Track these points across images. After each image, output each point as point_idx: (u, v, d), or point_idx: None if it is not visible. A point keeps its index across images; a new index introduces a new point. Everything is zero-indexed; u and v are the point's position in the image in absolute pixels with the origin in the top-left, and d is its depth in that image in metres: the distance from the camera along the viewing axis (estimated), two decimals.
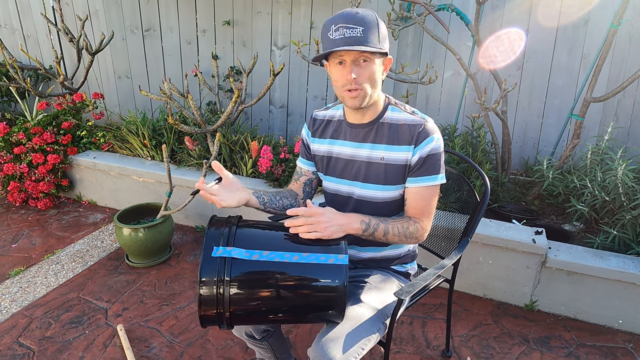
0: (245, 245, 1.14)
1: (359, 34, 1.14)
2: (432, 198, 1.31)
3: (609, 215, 2.31)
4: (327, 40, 1.19)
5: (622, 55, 2.67)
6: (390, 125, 1.30)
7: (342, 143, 1.38)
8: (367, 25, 1.15)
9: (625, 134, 2.78)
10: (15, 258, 2.60)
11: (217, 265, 1.10)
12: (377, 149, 1.31)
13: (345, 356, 1.14)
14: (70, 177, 3.34)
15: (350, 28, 1.14)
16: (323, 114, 1.45)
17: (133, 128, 3.25)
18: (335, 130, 1.40)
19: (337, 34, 1.16)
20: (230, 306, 1.12)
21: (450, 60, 2.99)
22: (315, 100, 3.42)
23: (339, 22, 1.16)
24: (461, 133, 2.89)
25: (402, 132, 1.28)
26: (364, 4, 3.02)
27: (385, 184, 1.32)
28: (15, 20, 4.20)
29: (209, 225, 1.19)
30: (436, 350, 1.93)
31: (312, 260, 1.13)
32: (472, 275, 2.28)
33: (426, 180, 1.29)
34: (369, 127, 1.32)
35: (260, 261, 1.13)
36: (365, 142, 1.33)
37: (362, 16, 1.16)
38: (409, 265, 1.51)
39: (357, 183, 1.36)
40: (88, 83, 4.12)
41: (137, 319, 2.10)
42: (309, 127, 1.47)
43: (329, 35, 1.18)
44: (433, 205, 1.32)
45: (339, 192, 1.40)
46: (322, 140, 1.42)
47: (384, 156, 1.30)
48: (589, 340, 2.00)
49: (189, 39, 3.63)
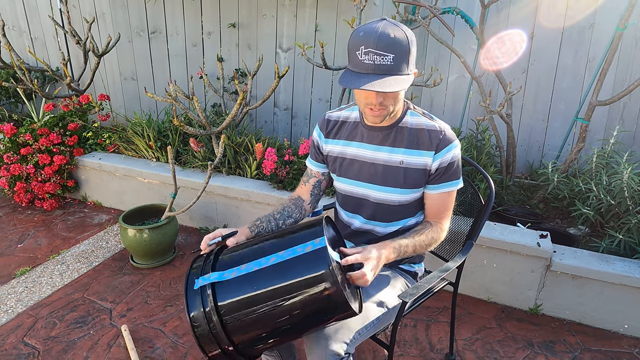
0: (225, 268, 1.08)
1: (390, 61, 1.09)
2: (452, 202, 1.37)
3: (614, 219, 2.30)
4: (355, 62, 1.13)
5: (628, 59, 2.66)
6: (410, 129, 1.31)
7: (359, 145, 1.37)
8: (398, 51, 1.10)
9: (631, 137, 2.77)
10: (21, 258, 2.62)
11: (201, 296, 1.05)
12: (396, 152, 1.31)
13: (342, 343, 1.15)
14: (76, 178, 3.36)
15: (382, 56, 1.09)
16: (337, 115, 1.43)
17: (138, 129, 3.27)
18: (351, 131, 1.39)
19: (367, 57, 1.10)
20: (230, 336, 1.05)
21: (455, 63, 2.99)
22: (319, 102, 3.43)
23: (369, 44, 1.09)
24: (466, 136, 2.88)
25: (422, 137, 1.29)
26: (369, 6, 3.03)
27: (403, 187, 1.32)
28: (23, 22, 4.24)
29: (190, 267, 1.15)
30: (440, 353, 1.93)
31: (289, 255, 1.04)
32: (477, 279, 2.27)
33: (448, 187, 1.33)
34: (388, 130, 1.32)
35: (241, 278, 1.05)
36: (384, 145, 1.33)
37: (395, 38, 1.09)
38: (417, 265, 1.52)
39: (374, 186, 1.36)
40: (94, 85, 4.15)
41: (141, 320, 2.11)
42: (321, 128, 1.45)
43: (357, 54, 1.12)
44: (452, 207, 1.38)
45: (352, 194, 1.41)
46: (336, 141, 1.41)
47: (403, 160, 1.30)
48: (594, 344, 1.99)
49: (195, 41, 3.65)
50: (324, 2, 3.16)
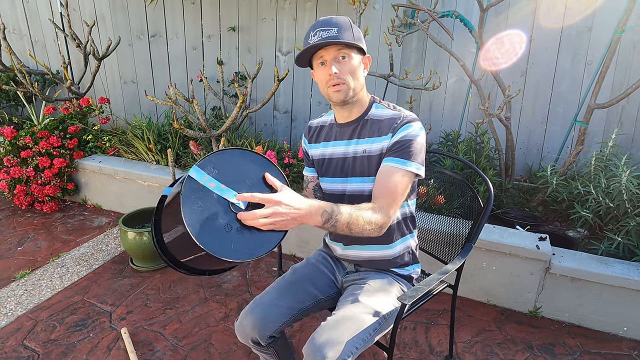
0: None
1: (334, 33, 1.24)
2: (396, 181, 1.26)
3: (613, 222, 2.31)
4: (306, 46, 1.29)
5: (626, 62, 2.67)
6: (373, 120, 1.36)
7: (334, 144, 1.44)
8: (341, 26, 1.26)
9: (630, 140, 2.78)
10: (20, 261, 2.62)
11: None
12: (360, 143, 1.37)
13: (339, 356, 1.15)
14: (75, 181, 3.36)
15: (327, 30, 1.25)
16: (317, 121, 1.53)
17: (138, 132, 3.28)
18: (327, 133, 1.47)
19: (316, 37, 1.26)
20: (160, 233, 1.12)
21: (454, 67, 3.00)
22: (319, 105, 3.44)
23: (317, 27, 1.27)
24: (465, 139, 2.89)
25: (383, 126, 1.33)
26: (368, 10, 3.04)
27: (368, 176, 1.35)
28: (24, 26, 4.26)
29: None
30: (439, 356, 1.93)
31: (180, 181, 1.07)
32: (476, 281, 2.27)
33: (393, 162, 1.27)
34: (355, 124, 1.38)
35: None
36: (352, 138, 1.39)
37: (337, 19, 1.27)
38: (411, 268, 1.51)
39: (347, 179, 1.40)
40: (94, 88, 4.16)
41: (141, 323, 2.11)
42: (305, 136, 1.56)
43: (308, 41, 1.28)
44: (397, 190, 1.25)
45: (333, 191, 1.45)
46: (316, 145, 1.50)
47: (365, 149, 1.35)
48: (594, 347, 1.99)
49: (195, 44, 3.66)
50: (324, 5, 3.18)
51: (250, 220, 1.04)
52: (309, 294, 1.45)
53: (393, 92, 3.09)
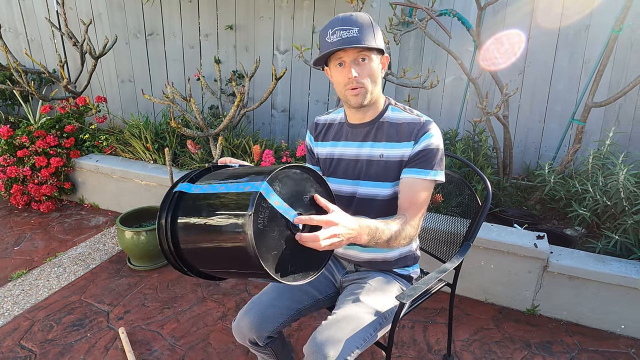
0: (199, 182, 1.08)
1: (356, 34, 1.19)
2: (421, 192, 1.27)
3: (610, 220, 2.31)
4: (325, 45, 1.23)
5: (623, 61, 2.68)
6: (390, 124, 1.33)
7: (344, 144, 1.40)
8: (362, 25, 1.20)
9: (627, 138, 2.78)
10: (17, 261, 2.61)
11: (170, 200, 1.07)
12: (376, 147, 1.33)
13: (339, 354, 1.15)
14: (72, 180, 3.35)
15: (347, 30, 1.19)
16: (325, 118, 1.49)
17: (136, 131, 3.26)
18: (336, 132, 1.43)
19: (335, 36, 1.20)
20: (175, 236, 1.06)
21: (452, 65, 3.00)
22: (317, 104, 3.43)
23: (336, 25, 1.20)
24: (463, 137, 2.89)
25: (402, 130, 1.31)
26: (366, 9, 3.04)
27: (384, 181, 1.33)
28: (20, 24, 4.23)
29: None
30: (437, 354, 1.93)
31: (232, 189, 1.01)
32: (474, 280, 2.27)
33: (416, 173, 1.28)
34: (370, 126, 1.35)
35: (196, 196, 1.05)
36: (366, 141, 1.35)
37: (357, 17, 1.21)
38: (412, 268, 1.51)
39: (359, 182, 1.37)
40: (91, 87, 4.14)
41: (138, 322, 2.10)
42: (311, 132, 1.51)
43: (327, 39, 1.22)
44: (423, 200, 1.27)
45: (341, 192, 1.42)
46: (324, 144, 1.46)
47: (382, 153, 1.32)
48: (591, 345, 2.00)
49: (192, 43, 3.65)
50: (321, 4, 3.17)
51: (311, 242, 0.98)
52: (307, 293, 1.45)
53: (391, 91, 3.08)
